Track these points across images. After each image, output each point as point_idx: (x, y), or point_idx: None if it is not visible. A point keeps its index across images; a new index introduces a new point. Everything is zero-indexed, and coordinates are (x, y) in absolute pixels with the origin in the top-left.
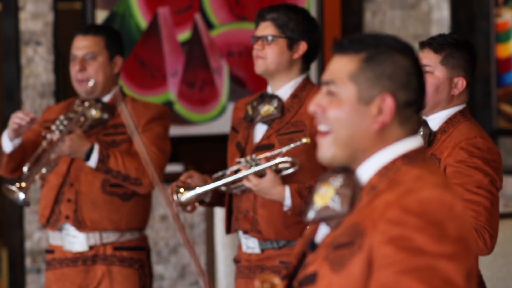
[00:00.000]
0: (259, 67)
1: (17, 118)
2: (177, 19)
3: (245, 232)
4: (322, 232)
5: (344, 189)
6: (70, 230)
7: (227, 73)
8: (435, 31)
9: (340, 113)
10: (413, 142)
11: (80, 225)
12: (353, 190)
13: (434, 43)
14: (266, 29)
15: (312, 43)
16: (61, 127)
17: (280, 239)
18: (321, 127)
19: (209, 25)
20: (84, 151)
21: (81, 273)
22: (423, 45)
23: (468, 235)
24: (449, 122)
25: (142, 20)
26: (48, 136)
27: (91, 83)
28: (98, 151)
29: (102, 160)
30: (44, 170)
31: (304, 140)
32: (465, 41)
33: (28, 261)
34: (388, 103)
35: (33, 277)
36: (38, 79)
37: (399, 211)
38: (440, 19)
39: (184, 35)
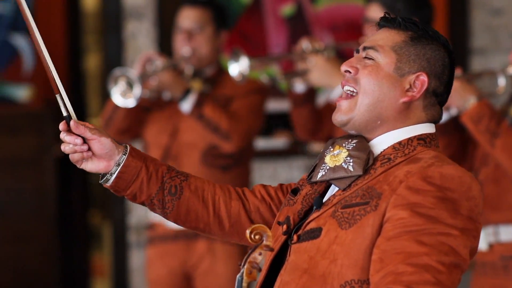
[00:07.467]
0: None
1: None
2: None
3: None
4: (330, 193)
5: (359, 152)
6: None
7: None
8: None
9: (373, 78)
10: (430, 128)
11: None
12: (367, 155)
13: None
14: (374, 11)
15: (423, 21)
16: (164, 62)
17: None
18: (347, 88)
19: None
20: (181, 89)
21: (183, 250)
22: None
23: (477, 217)
24: None
25: None
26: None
27: (186, 51)
28: (196, 94)
29: (198, 103)
30: (147, 93)
31: None
32: None
33: (133, 236)
34: (422, 80)
35: (137, 252)
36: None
37: (421, 180)
38: None
39: (287, 9)
